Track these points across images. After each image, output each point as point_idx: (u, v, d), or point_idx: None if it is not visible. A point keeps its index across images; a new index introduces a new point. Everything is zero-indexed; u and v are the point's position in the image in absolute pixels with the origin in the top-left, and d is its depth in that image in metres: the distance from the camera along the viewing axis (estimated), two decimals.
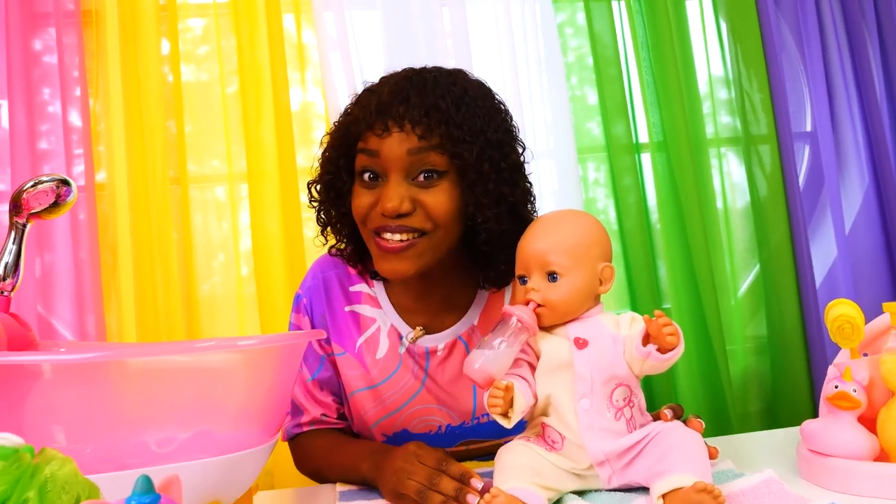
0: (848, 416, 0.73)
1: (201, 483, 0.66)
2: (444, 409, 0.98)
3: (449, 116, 0.85)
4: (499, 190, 0.87)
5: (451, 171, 0.87)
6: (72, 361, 0.66)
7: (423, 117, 0.85)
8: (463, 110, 0.87)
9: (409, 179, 0.86)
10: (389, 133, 0.85)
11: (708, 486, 0.62)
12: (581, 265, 0.76)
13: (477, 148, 0.86)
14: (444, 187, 0.86)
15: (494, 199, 0.87)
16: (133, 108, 1.66)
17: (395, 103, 0.86)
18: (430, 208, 0.86)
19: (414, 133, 0.84)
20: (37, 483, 0.42)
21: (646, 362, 0.72)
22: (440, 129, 0.85)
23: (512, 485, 0.70)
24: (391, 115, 0.85)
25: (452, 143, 0.85)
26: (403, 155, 0.85)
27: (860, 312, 0.74)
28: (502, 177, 0.88)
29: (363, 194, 0.89)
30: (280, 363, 0.74)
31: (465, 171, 0.86)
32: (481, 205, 0.87)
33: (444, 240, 0.89)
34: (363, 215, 0.89)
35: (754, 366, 1.91)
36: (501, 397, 0.72)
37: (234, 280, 1.73)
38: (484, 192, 0.86)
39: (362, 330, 0.99)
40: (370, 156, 0.87)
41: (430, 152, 0.85)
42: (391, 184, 0.86)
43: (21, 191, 0.85)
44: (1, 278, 0.85)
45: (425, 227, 0.86)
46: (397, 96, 0.87)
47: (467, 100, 0.88)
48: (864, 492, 0.68)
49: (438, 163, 0.86)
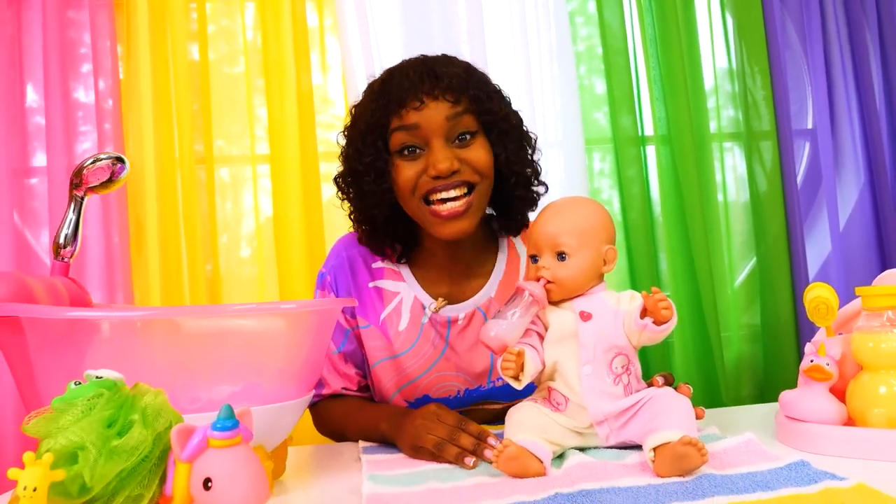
0: (821, 386, 0.82)
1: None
2: (461, 374, 1.07)
3: (469, 83, 0.99)
4: (519, 135, 1.03)
5: (480, 129, 1.00)
6: (145, 317, 0.75)
7: (450, 87, 0.96)
8: (476, 76, 1.01)
9: (449, 143, 0.97)
10: (426, 105, 0.96)
11: (693, 439, 0.71)
12: (587, 247, 0.85)
13: (497, 105, 1.00)
14: (479, 143, 0.99)
15: (520, 144, 1.02)
16: (161, 87, 1.73)
17: (424, 80, 0.97)
18: (474, 162, 0.98)
19: (447, 100, 0.96)
20: (138, 408, 0.51)
21: (643, 333, 0.81)
22: (466, 95, 0.97)
23: (521, 437, 0.79)
24: (423, 90, 0.96)
25: (478, 104, 0.98)
26: (443, 121, 0.96)
27: (835, 295, 0.83)
28: (520, 124, 1.05)
29: (407, 167, 0.98)
30: (317, 326, 0.83)
31: (491, 126, 1.00)
32: (511, 151, 1.01)
33: (488, 189, 1.02)
34: (411, 185, 0.98)
35: (748, 352, 2.00)
36: (513, 362, 0.81)
37: (257, 257, 1.81)
38: (512, 139, 1.01)
39: (385, 303, 1.08)
40: (409, 130, 0.97)
41: (462, 116, 0.97)
42: (436, 149, 0.96)
43: (82, 167, 0.94)
44: (62, 246, 0.95)
45: (474, 180, 0.98)
46: (423, 73, 0.98)
47: (472, 69, 1.03)
48: (831, 452, 0.77)
49: (470, 124, 0.98)
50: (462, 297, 1.08)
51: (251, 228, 1.84)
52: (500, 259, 1.12)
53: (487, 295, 1.08)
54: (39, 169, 1.73)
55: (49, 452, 0.47)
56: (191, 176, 1.73)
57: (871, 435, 0.76)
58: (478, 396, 1.08)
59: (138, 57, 1.73)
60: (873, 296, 0.79)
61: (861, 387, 0.79)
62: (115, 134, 1.73)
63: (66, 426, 0.49)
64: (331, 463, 0.94)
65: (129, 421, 0.50)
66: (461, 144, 0.98)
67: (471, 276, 1.09)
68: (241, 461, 0.50)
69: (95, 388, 0.52)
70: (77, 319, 0.75)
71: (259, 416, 0.77)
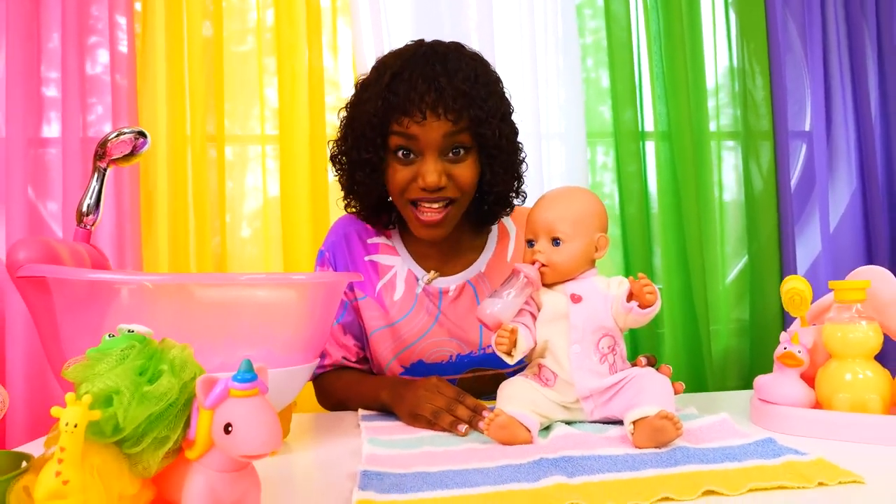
0: (793, 372, 0.88)
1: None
2: (454, 340, 1.15)
3: (472, 101, 1.01)
4: (510, 160, 1.08)
5: (474, 146, 1.05)
6: (163, 281, 0.80)
7: (453, 104, 1.00)
8: (482, 92, 1.03)
9: (443, 156, 1.03)
10: (427, 121, 1.00)
11: (669, 414, 0.77)
12: (580, 234, 0.91)
13: (495, 127, 1.04)
14: (469, 160, 1.05)
15: (506, 167, 1.08)
16: (175, 64, 1.78)
17: (429, 92, 0.99)
18: (458, 179, 1.04)
19: (448, 119, 1.00)
20: (167, 359, 0.57)
21: (628, 316, 0.87)
22: (467, 114, 1.01)
23: (511, 408, 0.84)
24: (427, 103, 0.99)
25: (477, 124, 1.02)
26: (439, 138, 1.01)
27: (808, 287, 0.88)
28: (512, 147, 1.09)
29: (400, 170, 1.04)
30: (324, 297, 0.88)
31: (485, 146, 1.05)
32: (496, 173, 1.07)
33: (466, 203, 1.08)
34: (401, 188, 1.05)
35: (735, 346, 2.06)
36: (507, 339, 0.87)
37: (264, 235, 1.87)
38: (499, 163, 1.07)
39: (381, 276, 1.15)
40: (408, 138, 1.02)
41: (459, 134, 1.02)
42: (429, 161, 1.02)
43: (106, 140, 0.99)
44: (84, 214, 1.00)
45: (455, 196, 1.05)
46: (429, 85, 1.00)
47: (482, 80, 1.04)
48: (799, 433, 0.83)
49: (465, 140, 1.03)
50: (453, 270, 1.16)
51: (258, 207, 1.89)
52: (491, 238, 1.21)
53: (478, 270, 1.17)
54: (54, 140, 1.78)
55: (87, 394, 0.52)
56: (201, 153, 1.78)
57: (835, 417, 0.82)
58: (469, 362, 1.16)
59: (154, 33, 1.77)
60: (844, 289, 0.85)
61: (829, 373, 0.85)
62: (129, 109, 1.77)
63: (102, 373, 0.55)
64: (332, 428, 1.00)
65: (158, 370, 0.56)
66: (453, 159, 1.04)
67: (461, 252, 1.18)
68: (259, 409, 0.55)
69: (128, 341, 0.58)
70: (98, 282, 0.81)
71: (272, 377, 0.83)
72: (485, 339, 1.15)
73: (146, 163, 1.78)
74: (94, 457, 0.53)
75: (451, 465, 0.74)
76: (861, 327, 0.83)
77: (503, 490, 0.66)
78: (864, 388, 0.82)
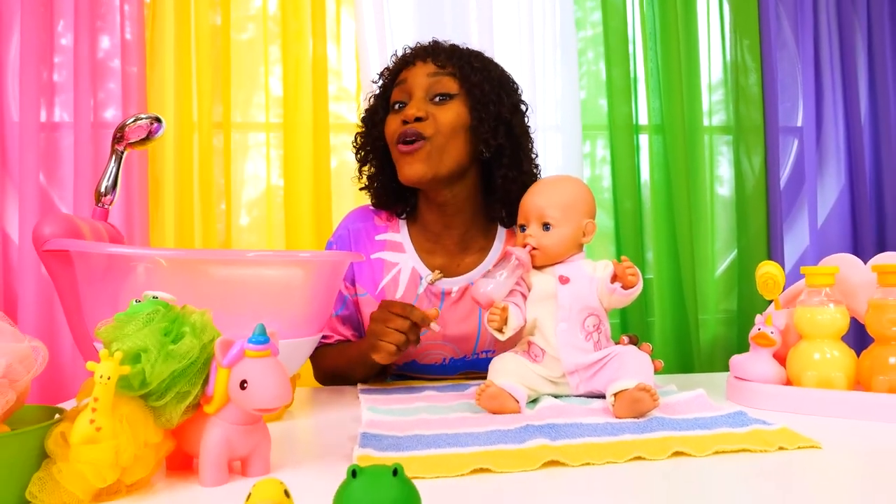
0: (765, 351, 0.94)
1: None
2: (449, 344, 1.18)
3: (462, 56, 1.12)
4: (498, 110, 1.11)
5: (460, 95, 1.11)
6: (177, 256, 0.86)
7: (440, 53, 1.11)
8: (475, 55, 1.14)
9: (428, 99, 1.10)
10: (414, 65, 1.11)
11: (647, 386, 0.83)
12: (569, 220, 0.97)
13: (482, 76, 1.11)
14: (452, 105, 1.11)
15: (496, 120, 1.11)
16: (182, 51, 1.83)
17: (422, 48, 1.14)
18: (438, 119, 1.09)
19: (434, 63, 1.11)
20: (188, 322, 0.63)
21: (612, 296, 0.93)
22: (453, 62, 1.11)
23: (502, 381, 0.91)
24: (417, 54, 1.13)
25: (462, 70, 1.10)
26: (424, 78, 1.10)
27: (781, 272, 0.94)
28: (502, 102, 1.12)
29: (392, 119, 1.13)
30: (328, 275, 0.94)
31: (471, 92, 1.10)
32: (484, 120, 1.10)
33: (448, 147, 1.10)
34: (392, 133, 1.12)
35: (723, 335, 2.12)
36: (499, 316, 0.93)
37: (267, 222, 1.92)
38: (487, 112, 1.10)
39: (385, 273, 1.19)
40: (399, 85, 1.12)
41: (444, 76, 1.10)
42: (413, 100, 1.10)
43: (124, 124, 1.05)
44: (103, 194, 1.06)
45: (427, 133, 1.08)
46: (426, 45, 1.15)
47: (481, 55, 1.15)
48: (769, 407, 0.89)
49: (450, 86, 1.10)
50: (457, 271, 1.19)
51: (262, 194, 1.95)
52: (497, 244, 1.22)
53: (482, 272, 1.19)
54: (65, 125, 1.83)
55: (119, 351, 0.58)
56: (208, 140, 1.84)
57: (803, 393, 0.88)
58: (462, 366, 1.20)
59: (163, 20, 1.82)
60: (814, 274, 0.91)
61: (799, 353, 0.91)
62: (139, 96, 1.82)
63: (131, 333, 0.61)
64: (333, 401, 1.06)
65: (181, 332, 0.62)
66: (439, 103, 1.10)
67: (466, 252, 1.20)
68: (271, 368, 0.61)
69: (153, 306, 0.64)
70: (116, 256, 0.87)
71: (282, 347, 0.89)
72: (480, 343, 1.18)
73: (154, 148, 1.83)
74: (123, 407, 0.59)
75: (445, 430, 0.80)
76: (829, 310, 0.89)
77: (491, 450, 0.72)
78: (830, 367, 0.88)
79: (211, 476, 0.62)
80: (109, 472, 0.58)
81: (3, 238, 1.77)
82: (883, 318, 0.85)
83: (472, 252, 1.20)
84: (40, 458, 0.59)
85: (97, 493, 0.59)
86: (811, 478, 0.64)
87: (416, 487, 0.45)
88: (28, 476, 0.58)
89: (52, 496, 0.58)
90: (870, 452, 0.72)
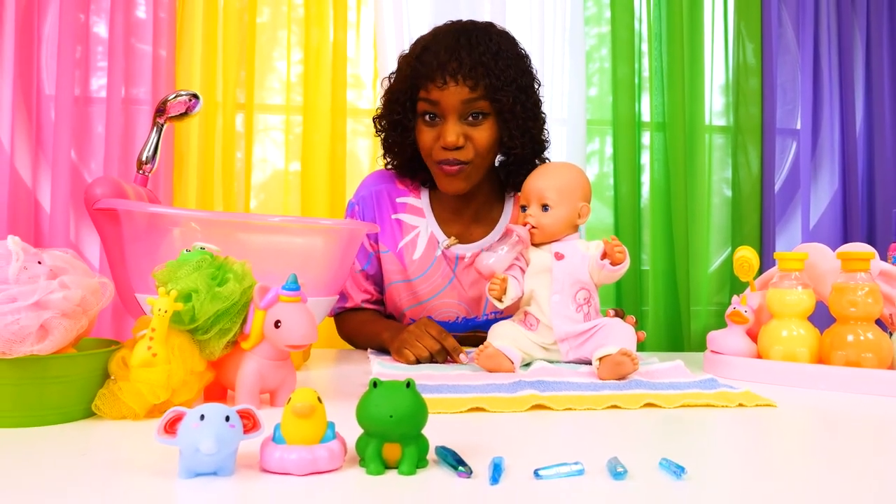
0: (739, 328, 1.04)
1: None
2: (462, 304, 1.29)
3: (489, 70, 1.15)
4: (525, 125, 1.20)
5: (492, 112, 1.18)
6: (212, 217, 0.96)
7: (470, 72, 1.14)
8: (500, 63, 1.17)
9: (462, 120, 1.17)
10: (447, 86, 1.15)
11: (628, 351, 0.93)
12: (566, 202, 1.06)
13: (511, 94, 1.17)
14: (486, 125, 1.18)
15: (522, 131, 1.19)
16: (209, 35, 1.93)
17: (450, 61, 1.15)
18: (475, 141, 1.17)
19: (465, 85, 1.15)
20: (231, 270, 0.73)
21: (601, 272, 1.03)
22: (484, 82, 1.15)
23: (499, 343, 1.01)
24: (448, 71, 1.15)
25: (493, 92, 1.16)
26: (458, 103, 1.15)
27: (756, 256, 1.04)
28: (528, 114, 1.20)
29: (426, 131, 1.19)
30: (346, 242, 1.05)
31: (501, 112, 1.18)
32: (513, 136, 1.19)
33: (484, 164, 1.21)
34: (429, 148, 1.19)
35: (714, 325, 2.19)
36: (498, 286, 1.03)
37: (285, 201, 2.02)
38: (515, 126, 1.19)
39: (404, 234, 1.29)
40: (431, 103, 1.17)
41: (477, 101, 1.16)
42: (449, 124, 1.16)
43: (166, 99, 1.15)
44: (144, 162, 1.16)
45: (468, 158, 1.18)
46: (451, 55, 1.15)
47: (502, 54, 1.18)
48: (741, 377, 0.99)
49: (483, 107, 1.17)
50: (470, 238, 1.29)
51: (280, 175, 2.05)
52: (506, 212, 1.32)
53: (493, 239, 1.29)
54: (98, 100, 1.93)
55: (174, 290, 0.68)
56: (230, 121, 1.93)
57: (770, 365, 0.98)
58: (472, 325, 1.31)
59: (194, 2, 1.92)
60: (786, 259, 1.01)
61: (769, 330, 1.01)
62: (168, 75, 1.92)
63: (183, 276, 0.71)
64: (345, 358, 1.17)
65: (225, 277, 0.72)
66: (472, 122, 1.17)
67: (479, 222, 1.31)
68: (301, 311, 0.71)
69: (201, 255, 0.74)
70: (156, 216, 0.97)
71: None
72: (489, 305, 1.29)
73: (180, 126, 1.93)
74: (175, 339, 0.70)
75: (446, 382, 0.91)
76: (797, 292, 0.99)
77: (486, 396, 0.82)
78: (796, 343, 0.98)
79: (246, 402, 0.72)
80: (162, 391, 0.68)
81: (35, 207, 1.88)
82: (843, 299, 0.95)
83: (484, 223, 1.31)
84: (103, 377, 0.70)
85: (150, 409, 0.69)
86: (763, 426, 0.74)
87: (424, 400, 0.55)
88: (93, 392, 0.69)
89: (113, 409, 0.68)
90: (821, 413, 0.82)
